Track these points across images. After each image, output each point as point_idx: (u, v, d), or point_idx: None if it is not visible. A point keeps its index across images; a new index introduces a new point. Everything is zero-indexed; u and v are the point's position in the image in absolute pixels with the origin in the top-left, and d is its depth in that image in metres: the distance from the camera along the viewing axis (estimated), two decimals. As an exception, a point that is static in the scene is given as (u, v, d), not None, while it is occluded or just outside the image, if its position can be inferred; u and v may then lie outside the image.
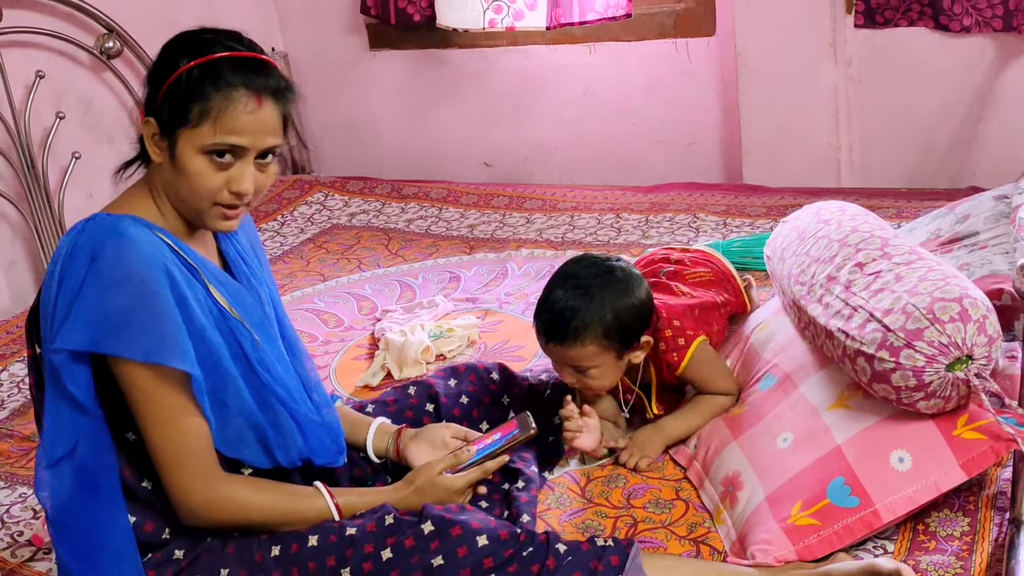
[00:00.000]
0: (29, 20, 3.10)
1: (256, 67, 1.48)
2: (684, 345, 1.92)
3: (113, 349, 1.43)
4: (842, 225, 1.92)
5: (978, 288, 1.62)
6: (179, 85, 1.46)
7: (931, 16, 3.02)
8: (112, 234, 1.45)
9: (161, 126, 1.48)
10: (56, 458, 1.50)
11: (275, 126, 1.49)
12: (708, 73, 3.44)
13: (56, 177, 3.17)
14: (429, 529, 1.51)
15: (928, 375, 1.55)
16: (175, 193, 1.51)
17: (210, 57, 1.46)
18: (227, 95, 1.44)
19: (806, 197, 3.11)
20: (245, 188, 1.48)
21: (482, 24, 3.43)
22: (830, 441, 1.65)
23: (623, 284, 1.85)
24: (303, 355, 1.75)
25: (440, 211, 3.47)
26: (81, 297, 1.43)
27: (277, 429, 1.60)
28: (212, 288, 1.55)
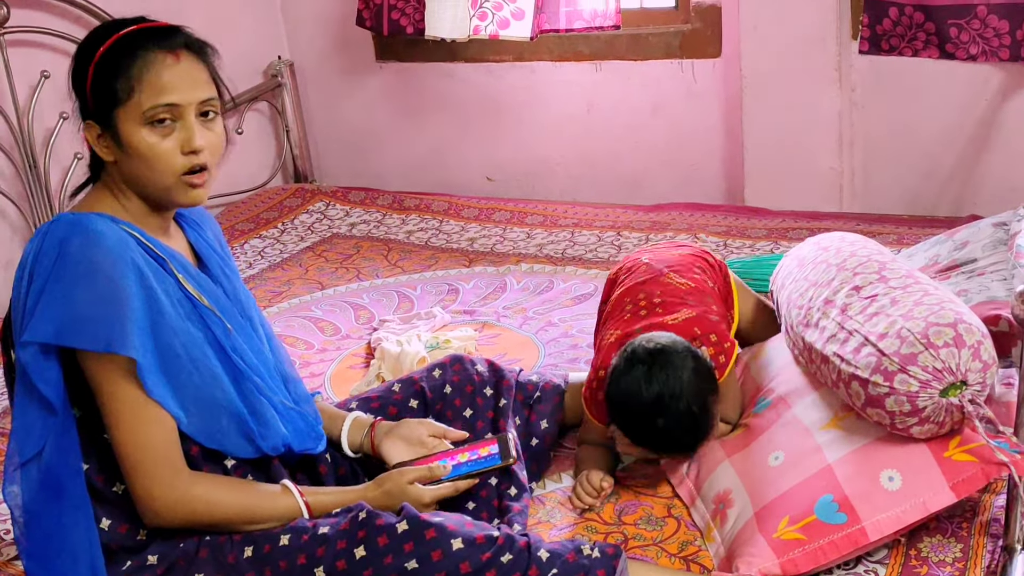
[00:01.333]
0: (36, 20, 3.11)
1: (163, 30, 1.52)
2: (724, 362, 1.85)
3: (77, 342, 1.44)
4: (840, 251, 1.92)
5: (974, 313, 1.62)
6: (98, 72, 1.48)
7: (937, 44, 3.02)
8: (78, 230, 1.47)
9: (99, 121, 1.50)
10: (26, 458, 1.51)
11: (201, 78, 1.52)
12: (713, 94, 3.45)
13: (57, 177, 3.17)
14: (403, 528, 1.49)
15: (922, 400, 1.54)
16: (137, 180, 1.52)
17: (116, 36, 1.50)
18: (143, 59, 1.48)
19: (807, 221, 3.12)
20: (198, 143, 1.50)
21: (467, 32, 3.42)
22: (821, 460, 1.65)
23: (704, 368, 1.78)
24: (280, 349, 1.76)
25: (441, 224, 3.47)
26: (47, 292, 1.45)
27: (257, 417, 1.61)
28: (182, 278, 1.56)
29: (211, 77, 1.54)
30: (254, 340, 1.66)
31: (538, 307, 2.73)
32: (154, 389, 1.48)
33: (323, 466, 1.77)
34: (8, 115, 3.01)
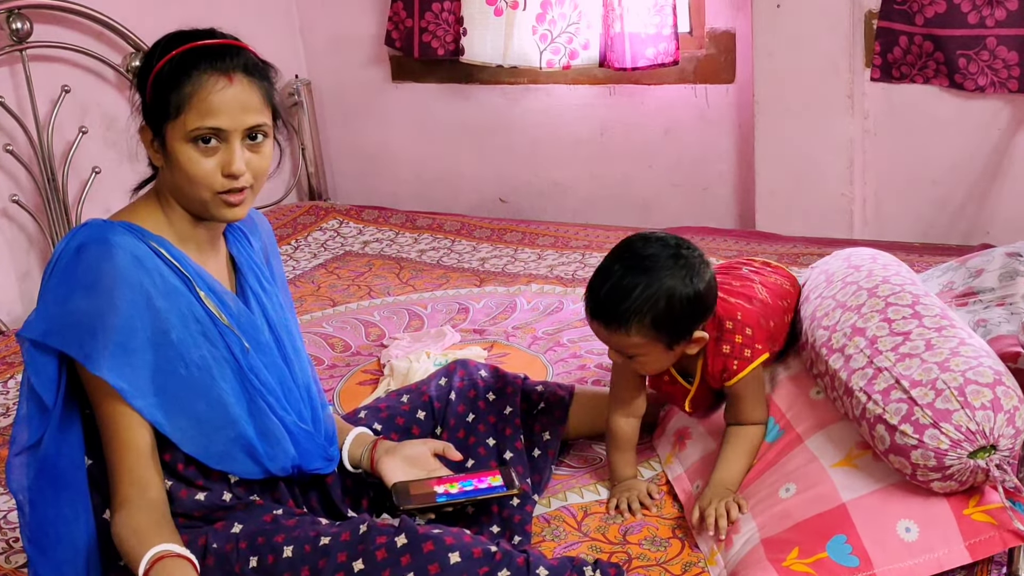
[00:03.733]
0: (58, 35, 3.15)
1: (223, 50, 1.52)
2: (750, 357, 1.80)
3: (60, 344, 1.48)
4: (872, 274, 1.88)
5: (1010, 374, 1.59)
6: (156, 82, 1.51)
7: (947, 74, 3.04)
8: (96, 239, 1.50)
9: (152, 128, 1.53)
10: (24, 447, 1.55)
11: (253, 103, 1.52)
12: (725, 120, 3.47)
13: (75, 191, 3.21)
14: (402, 542, 1.50)
15: (950, 459, 1.52)
16: (178, 190, 1.55)
17: (178, 50, 1.51)
18: (196, 79, 1.49)
19: (817, 247, 3.13)
20: (236, 168, 1.50)
21: (539, 63, 3.51)
22: (835, 497, 1.62)
23: (685, 270, 1.71)
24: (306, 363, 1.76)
25: (452, 243, 3.49)
26: (49, 292, 1.49)
27: (266, 439, 1.62)
28: (203, 295, 1.57)
29: (265, 101, 1.55)
30: (275, 359, 1.66)
31: (547, 327, 2.74)
32: (144, 410, 1.50)
33: (330, 477, 1.79)
34: (28, 128, 3.05)
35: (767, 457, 1.81)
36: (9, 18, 2.96)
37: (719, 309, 1.82)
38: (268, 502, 1.67)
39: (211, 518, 1.62)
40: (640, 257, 1.72)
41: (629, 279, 1.69)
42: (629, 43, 3.37)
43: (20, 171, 3.07)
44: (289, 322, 1.76)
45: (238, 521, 1.60)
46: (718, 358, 1.82)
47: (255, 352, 1.62)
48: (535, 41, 3.49)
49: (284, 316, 1.75)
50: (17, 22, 2.97)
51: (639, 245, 1.74)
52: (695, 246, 1.78)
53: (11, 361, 2.80)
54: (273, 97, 1.57)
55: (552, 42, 3.48)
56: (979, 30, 2.96)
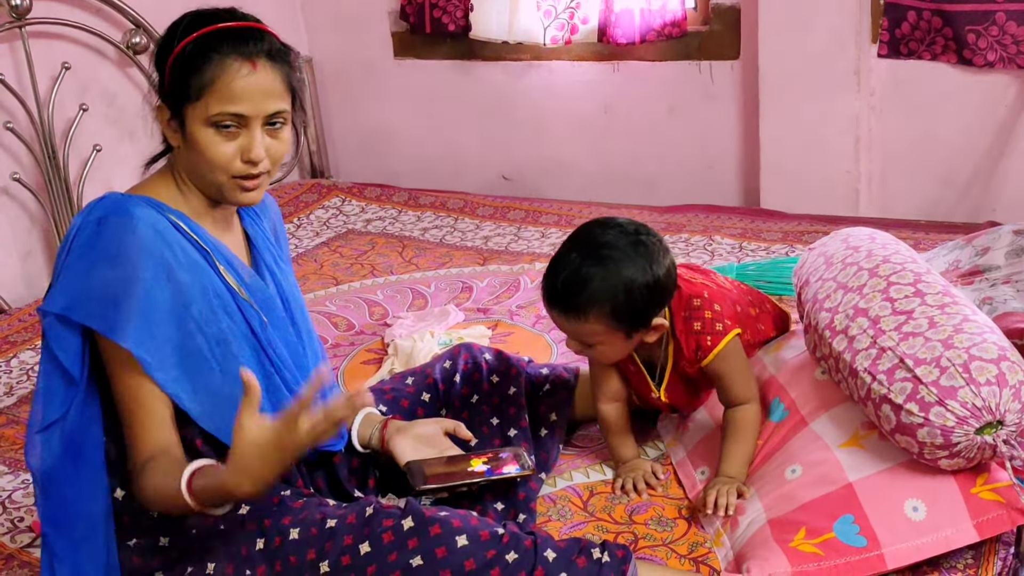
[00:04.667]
0: (58, 12, 3.12)
1: (247, 34, 1.50)
2: (721, 331, 1.76)
3: (83, 317, 1.46)
4: (872, 254, 1.86)
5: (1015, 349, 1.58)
6: (178, 63, 1.49)
7: (955, 50, 3.01)
8: (117, 212, 1.48)
9: (171, 108, 1.51)
10: (47, 423, 1.53)
11: (276, 89, 1.50)
12: (730, 96, 3.44)
13: (76, 169, 3.19)
14: (408, 525, 1.49)
15: (956, 436, 1.51)
16: (195, 171, 1.54)
17: (201, 32, 1.49)
18: (220, 63, 1.47)
19: (823, 224, 3.11)
20: (256, 155, 1.50)
21: (542, 39, 3.50)
22: (842, 477, 1.62)
23: (644, 258, 1.67)
24: (316, 342, 1.77)
25: (456, 221, 3.48)
26: (71, 265, 1.47)
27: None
28: (223, 269, 1.57)
29: (286, 86, 1.53)
30: (290, 335, 1.67)
31: (552, 306, 2.73)
32: (166, 384, 1.49)
33: (337, 456, 1.79)
34: (29, 106, 3.03)
35: (773, 439, 1.80)
36: (8, -6, 2.94)
37: (685, 288, 1.80)
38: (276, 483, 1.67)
39: None
40: (598, 244, 1.68)
41: (587, 268, 1.66)
42: (637, 16, 3.34)
43: (21, 149, 3.05)
44: (301, 301, 1.76)
45: (245, 502, 1.59)
46: (691, 337, 1.79)
47: (272, 327, 1.63)
48: (539, 17, 3.47)
49: (297, 294, 1.75)
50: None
51: (597, 232, 1.71)
52: (654, 232, 1.74)
53: (13, 340, 2.79)
54: (293, 81, 1.55)
55: (556, 18, 3.46)
56: (988, 5, 2.93)
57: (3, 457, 2.21)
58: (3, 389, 2.54)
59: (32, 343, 2.76)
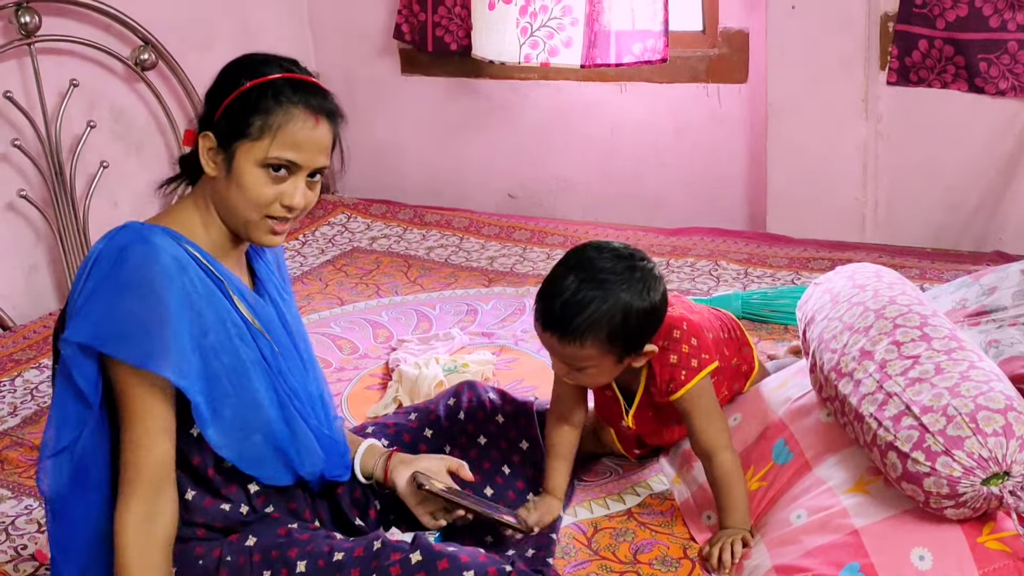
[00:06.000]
0: (67, 28, 3.12)
1: (314, 89, 1.56)
2: (697, 367, 1.76)
3: (113, 351, 1.48)
4: (879, 294, 1.86)
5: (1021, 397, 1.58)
6: (241, 100, 1.52)
7: (966, 79, 3.01)
8: (138, 241, 1.50)
9: (219, 139, 1.54)
10: (60, 448, 1.54)
11: (327, 146, 1.57)
12: (738, 119, 3.44)
13: (83, 184, 3.19)
14: (417, 559, 1.50)
15: (963, 486, 1.51)
16: (228, 205, 1.56)
17: (272, 77, 1.54)
18: (288, 111, 1.51)
19: (829, 251, 3.11)
20: (296, 202, 1.54)
21: (518, 58, 3.46)
22: (848, 524, 1.61)
23: (640, 283, 1.68)
24: (319, 371, 1.78)
25: (461, 240, 3.47)
26: (96, 295, 1.49)
27: (297, 443, 1.64)
28: (237, 300, 1.59)
29: (332, 145, 1.58)
30: (298, 364, 1.69)
31: (557, 332, 2.72)
32: (199, 409, 1.51)
33: (340, 487, 1.79)
34: (36, 123, 3.03)
35: (777, 482, 1.79)
36: (18, 12, 2.94)
37: (666, 317, 1.79)
38: (284, 514, 1.68)
39: (229, 530, 1.63)
40: (595, 269, 1.68)
41: (584, 292, 1.66)
42: (615, 39, 3.32)
43: (28, 165, 3.05)
44: (304, 331, 1.78)
45: (252, 534, 1.61)
46: (665, 368, 1.78)
47: (284, 357, 1.64)
48: (516, 34, 3.44)
49: (300, 325, 1.77)
50: (26, 16, 2.95)
51: (593, 256, 1.71)
52: (648, 257, 1.75)
53: (18, 359, 2.79)
54: (338, 144, 1.61)
55: (531, 35, 3.43)
56: (1000, 34, 2.93)
57: (6, 481, 2.21)
58: (7, 409, 2.54)
59: (36, 361, 2.76)
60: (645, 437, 1.97)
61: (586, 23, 3.35)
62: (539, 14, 3.40)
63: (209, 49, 3.46)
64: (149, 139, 3.44)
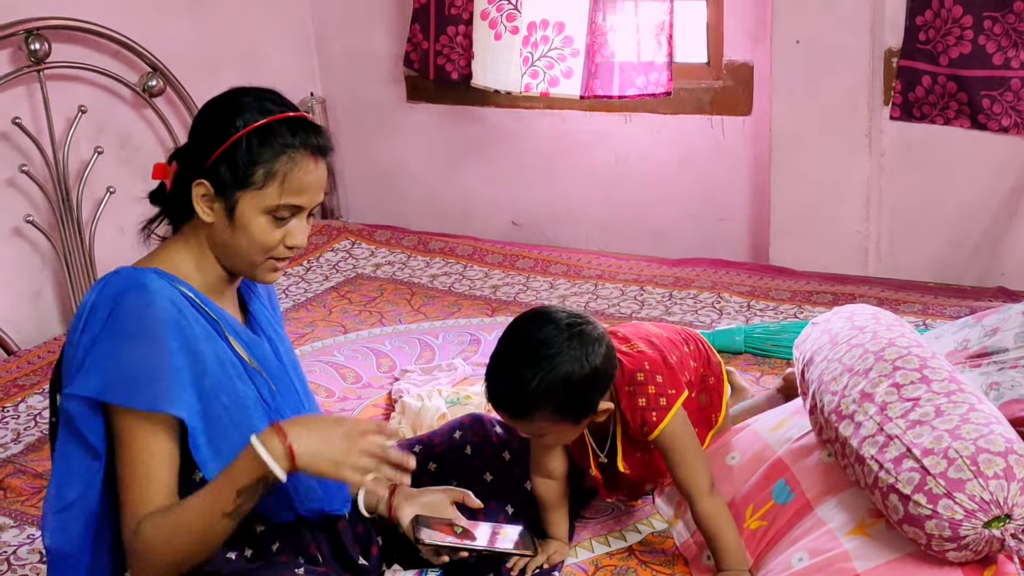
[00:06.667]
0: (75, 54, 3.15)
1: (308, 127, 1.56)
2: (666, 406, 1.77)
3: (124, 400, 1.47)
4: (878, 336, 1.87)
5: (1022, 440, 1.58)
6: (238, 149, 1.51)
7: (969, 115, 3.03)
8: (132, 287, 1.50)
9: (216, 187, 1.52)
10: (65, 504, 1.53)
11: (324, 183, 1.59)
12: (741, 151, 3.46)
13: (89, 210, 3.20)
14: None
15: (964, 529, 1.51)
16: (231, 251, 1.56)
17: (267, 120, 1.52)
18: (291, 157, 1.52)
19: (831, 284, 3.12)
20: (300, 242, 1.57)
21: (519, 88, 3.49)
22: (849, 568, 1.61)
23: (579, 349, 1.68)
24: (315, 407, 1.79)
25: (465, 269, 3.48)
26: (97, 347, 1.48)
27: (296, 481, 1.62)
28: (232, 339, 1.59)
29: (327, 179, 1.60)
30: (296, 400, 1.69)
31: (560, 363, 2.73)
32: (200, 450, 1.51)
33: (341, 523, 1.79)
34: (44, 148, 3.05)
35: (778, 522, 1.79)
36: (28, 39, 2.96)
37: (627, 363, 1.80)
38: (291, 554, 1.67)
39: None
40: (533, 345, 1.68)
41: (524, 370, 1.66)
42: (618, 71, 3.35)
43: (35, 191, 3.07)
44: (298, 365, 1.78)
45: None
46: (636, 413, 1.79)
47: (279, 394, 1.65)
48: (519, 64, 3.48)
49: (295, 360, 1.77)
50: (35, 43, 2.97)
51: (532, 330, 1.71)
52: (588, 317, 1.75)
53: (22, 384, 2.80)
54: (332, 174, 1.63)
55: (532, 65, 3.47)
56: (1004, 71, 2.94)
57: (9, 510, 2.21)
58: (10, 436, 2.54)
59: (40, 387, 2.76)
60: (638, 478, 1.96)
61: (586, 54, 3.38)
62: (540, 44, 3.44)
63: (217, 75, 3.48)
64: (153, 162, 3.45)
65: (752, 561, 1.78)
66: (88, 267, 3.17)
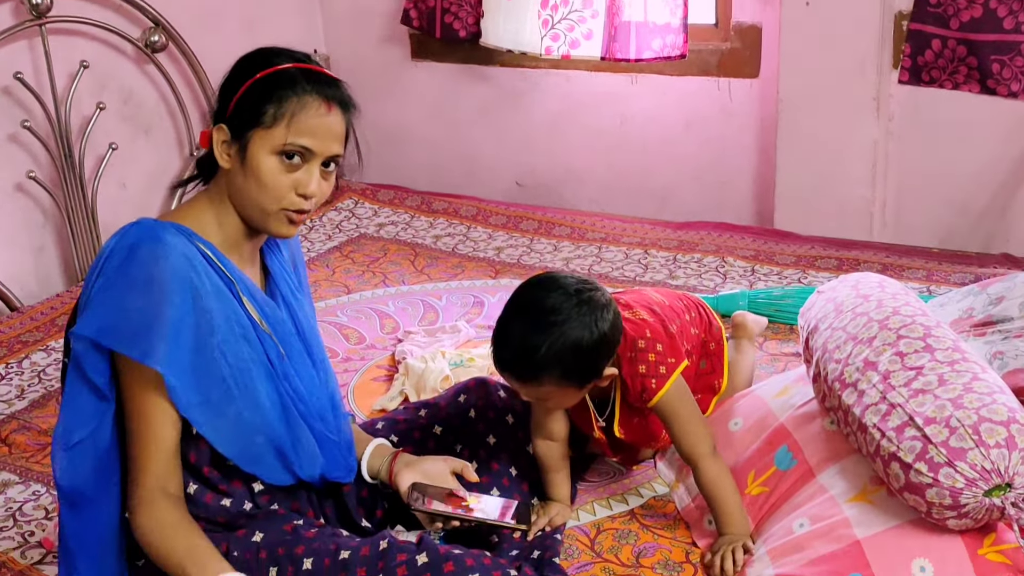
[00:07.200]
0: (78, 10, 3.11)
1: (326, 79, 1.57)
2: (665, 374, 1.78)
3: (115, 344, 1.50)
4: (883, 304, 1.86)
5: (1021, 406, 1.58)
6: (254, 90, 1.54)
7: (978, 80, 3.00)
8: (149, 238, 1.51)
9: (232, 130, 1.54)
10: (74, 441, 1.55)
11: (340, 134, 1.57)
12: (748, 114, 3.43)
13: (91, 166, 3.19)
14: (422, 561, 1.52)
15: (965, 497, 1.52)
16: (244, 196, 1.56)
17: (285, 66, 1.55)
18: (300, 98, 1.53)
19: (836, 249, 3.11)
20: (312, 190, 1.55)
21: (539, 49, 3.46)
22: (850, 534, 1.62)
23: (588, 316, 1.69)
24: (330, 374, 1.78)
25: (468, 230, 3.47)
26: (104, 291, 1.51)
27: (297, 446, 1.64)
28: (245, 299, 1.60)
29: (345, 134, 1.59)
30: (307, 366, 1.69)
31: (563, 326, 2.73)
32: (189, 409, 1.52)
33: (346, 486, 1.80)
34: (46, 104, 3.03)
35: (780, 488, 1.80)
36: (29, -8, 2.93)
37: (629, 330, 1.81)
38: (288, 511, 1.69)
39: (233, 525, 1.64)
40: (542, 311, 1.69)
41: (533, 336, 1.67)
42: (635, 33, 3.32)
43: (37, 147, 3.05)
44: (316, 331, 1.78)
45: (259, 530, 1.62)
46: (636, 379, 1.80)
47: (289, 359, 1.65)
48: (538, 25, 3.44)
49: (313, 325, 1.77)
50: (37, -4, 2.94)
51: (540, 296, 1.72)
52: (595, 283, 1.75)
53: (25, 340, 2.80)
54: (352, 134, 1.61)
55: (552, 28, 3.43)
56: (1014, 36, 2.91)
57: (14, 466, 2.22)
58: (14, 392, 2.55)
59: (44, 344, 2.77)
60: (634, 442, 1.97)
61: (606, 16, 3.35)
62: (560, 6, 3.41)
63: (219, 31, 3.46)
64: (158, 121, 3.44)
65: (753, 526, 1.79)
66: (90, 223, 3.16)
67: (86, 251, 3.15)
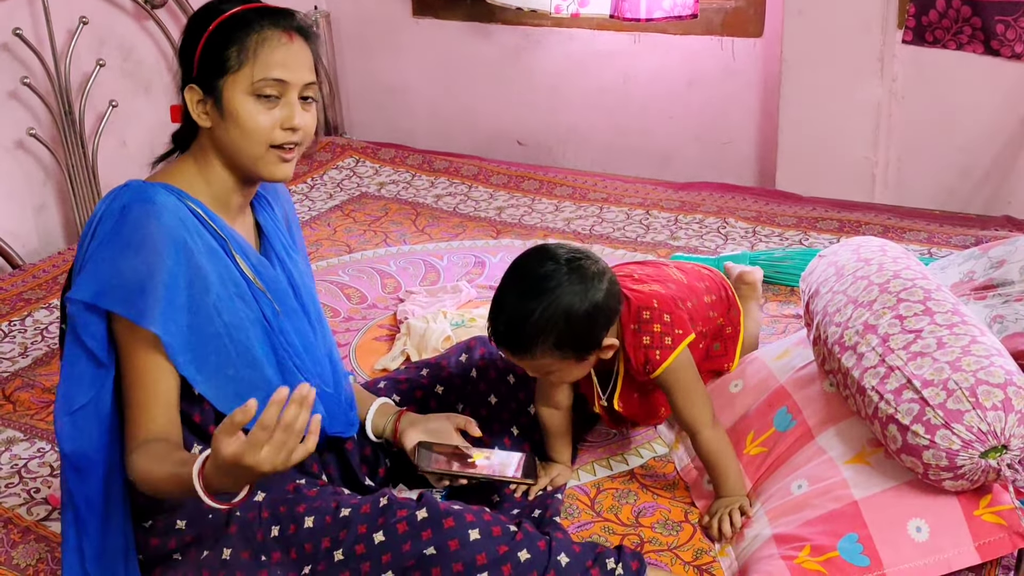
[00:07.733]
0: (77, -36, 3.09)
1: (280, 11, 1.58)
2: (671, 345, 1.77)
3: (111, 305, 1.50)
4: (883, 268, 1.87)
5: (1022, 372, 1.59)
6: (213, 40, 1.54)
7: (982, 40, 2.98)
8: (140, 199, 1.52)
9: (203, 87, 1.54)
10: (76, 406, 1.56)
11: (308, 61, 1.57)
12: (751, 74, 3.41)
13: (92, 123, 3.18)
14: (422, 516, 1.53)
15: (961, 459, 1.53)
16: (232, 147, 1.56)
17: (235, 11, 1.55)
18: (260, 34, 1.54)
19: (837, 210, 3.11)
20: (296, 122, 1.55)
21: (548, 7, 3.44)
22: (847, 495, 1.64)
23: (580, 284, 1.69)
24: (327, 332, 1.79)
25: (469, 189, 3.47)
26: (97, 253, 1.51)
27: None
28: (238, 257, 1.60)
29: (313, 63, 1.59)
30: (303, 323, 1.70)
31: (564, 286, 2.73)
32: (186, 367, 1.53)
33: (349, 444, 1.82)
34: (46, 61, 3.01)
35: (778, 449, 1.82)
36: (27, -53, 2.90)
37: (634, 300, 1.80)
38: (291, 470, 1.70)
39: None
40: (534, 279, 1.69)
41: (524, 304, 1.68)
42: None
43: (37, 103, 3.04)
44: (312, 289, 1.78)
45: (261, 489, 1.63)
46: (639, 350, 1.79)
47: (284, 315, 1.66)
48: None
49: (308, 283, 1.78)
50: (35, -48, 2.91)
51: (532, 265, 1.72)
52: (590, 253, 1.75)
53: (28, 298, 2.81)
54: (320, 62, 1.61)
55: None
56: (1019, -3, 2.90)
57: (18, 423, 2.24)
58: (18, 350, 2.56)
59: (46, 301, 2.77)
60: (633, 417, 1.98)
61: None
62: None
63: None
64: (158, 78, 3.42)
65: (751, 486, 1.81)
66: (91, 181, 3.15)
67: (87, 209, 3.15)
